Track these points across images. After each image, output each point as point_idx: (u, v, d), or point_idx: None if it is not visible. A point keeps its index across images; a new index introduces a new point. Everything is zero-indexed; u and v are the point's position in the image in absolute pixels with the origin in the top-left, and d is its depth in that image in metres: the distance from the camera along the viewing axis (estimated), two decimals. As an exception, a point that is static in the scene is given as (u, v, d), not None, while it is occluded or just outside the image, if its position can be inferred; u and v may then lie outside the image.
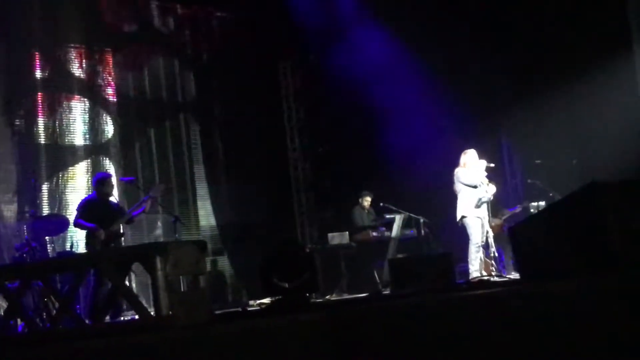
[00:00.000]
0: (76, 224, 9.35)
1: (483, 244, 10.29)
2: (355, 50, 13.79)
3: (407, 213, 12.32)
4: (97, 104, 11.94)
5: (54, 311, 8.09)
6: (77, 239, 10.28)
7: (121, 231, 9.36)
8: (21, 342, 6.16)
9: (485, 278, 9.52)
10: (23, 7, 11.12)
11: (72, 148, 11.56)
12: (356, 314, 5.35)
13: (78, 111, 11.66)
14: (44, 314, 8.32)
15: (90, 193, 10.06)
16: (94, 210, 9.22)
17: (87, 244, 9.19)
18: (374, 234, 12.39)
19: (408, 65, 13.34)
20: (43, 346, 5.39)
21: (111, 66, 12.15)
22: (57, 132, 11.37)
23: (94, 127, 11.82)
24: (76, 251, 9.94)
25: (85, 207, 9.29)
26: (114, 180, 9.77)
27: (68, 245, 10.27)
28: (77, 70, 11.76)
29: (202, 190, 13.01)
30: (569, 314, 5.02)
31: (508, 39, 13.46)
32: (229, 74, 13.60)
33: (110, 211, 9.36)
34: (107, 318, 7.74)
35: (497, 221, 11.68)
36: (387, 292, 9.88)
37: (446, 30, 13.26)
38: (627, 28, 12.42)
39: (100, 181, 9.46)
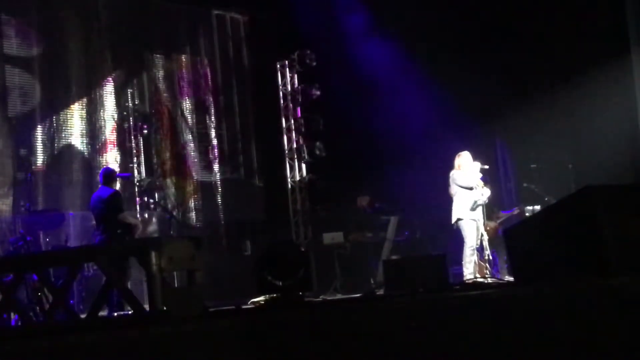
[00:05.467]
0: (123, 217, 9.36)
1: (478, 246, 10.31)
2: (353, 51, 13.82)
3: (402, 214, 12.35)
4: (95, 102, 11.93)
5: (48, 305, 8.09)
6: (72, 233, 10.28)
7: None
8: (15, 336, 6.15)
9: (480, 280, 9.54)
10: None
11: (70, 144, 11.54)
12: (349, 313, 5.37)
13: (76, 107, 11.64)
14: (38, 307, 8.31)
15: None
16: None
17: (121, 234, 9.15)
18: (369, 234, 12.41)
19: (405, 68, 13.38)
20: (36, 340, 5.39)
21: (109, 63, 12.14)
22: (54, 127, 11.35)
23: (92, 123, 11.81)
24: (70, 245, 9.92)
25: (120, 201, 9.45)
26: None
27: (63, 239, 10.25)
28: (75, 66, 11.75)
29: (198, 188, 13.00)
30: (561, 318, 5.05)
31: (504, 43, 13.49)
32: (226, 72, 13.63)
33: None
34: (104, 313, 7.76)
35: (492, 224, 11.71)
36: (380, 292, 9.89)
37: (443, 33, 13.29)
38: (625, 33, 12.44)
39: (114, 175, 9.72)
